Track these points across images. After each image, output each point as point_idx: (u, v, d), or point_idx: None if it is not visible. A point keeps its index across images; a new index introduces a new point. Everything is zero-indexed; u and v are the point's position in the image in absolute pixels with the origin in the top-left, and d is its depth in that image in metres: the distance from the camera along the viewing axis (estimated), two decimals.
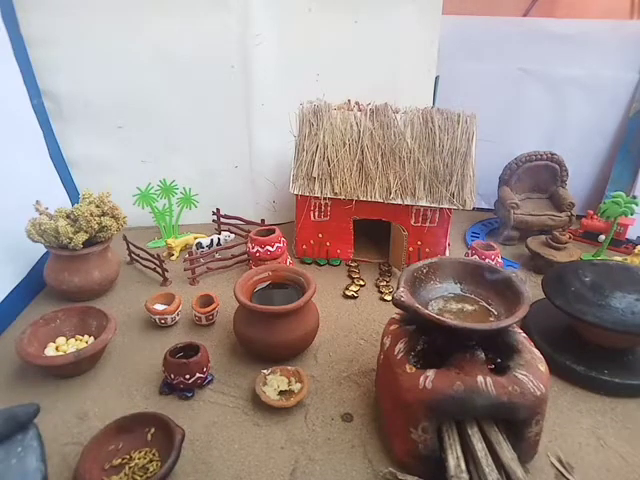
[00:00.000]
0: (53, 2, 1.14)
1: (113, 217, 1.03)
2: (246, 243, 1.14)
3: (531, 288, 0.71)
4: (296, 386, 0.78)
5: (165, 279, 1.13)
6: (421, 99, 1.35)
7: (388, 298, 1.08)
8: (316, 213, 1.19)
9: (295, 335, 0.83)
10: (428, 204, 1.11)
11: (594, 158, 1.50)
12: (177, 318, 0.98)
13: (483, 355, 0.63)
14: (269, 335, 0.82)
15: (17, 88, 1.14)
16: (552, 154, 1.36)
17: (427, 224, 1.15)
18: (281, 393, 0.77)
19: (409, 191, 1.11)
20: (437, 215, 1.13)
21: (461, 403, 0.59)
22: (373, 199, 1.12)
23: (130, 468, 0.64)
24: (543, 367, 0.64)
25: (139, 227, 1.37)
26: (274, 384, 0.78)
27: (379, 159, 1.12)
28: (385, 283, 1.14)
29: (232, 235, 1.30)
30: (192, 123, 1.33)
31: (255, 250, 1.08)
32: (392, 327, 0.73)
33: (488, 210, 1.52)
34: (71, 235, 0.98)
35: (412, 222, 1.15)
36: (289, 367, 0.81)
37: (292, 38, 1.27)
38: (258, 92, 1.31)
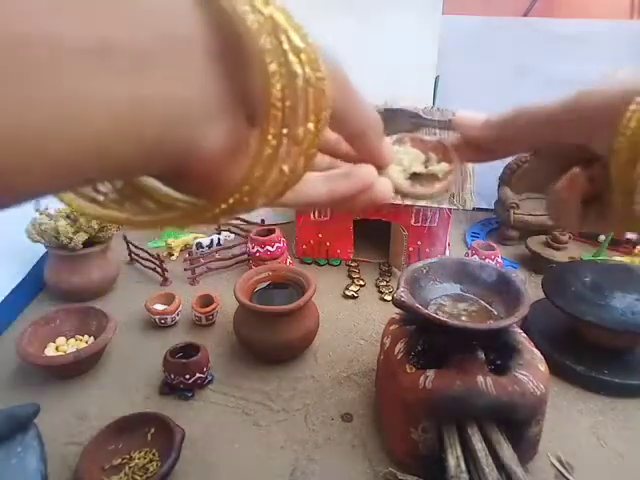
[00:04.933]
0: None
1: None
2: (246, 243, 1.14)
3: (531, 288, 0.71)
4: (439, 167, 0.37)
5: (165, 279, 1.13)
6: (421, 99, 1.35)
7: (388, 298, 1.07)
8: (316, 213, 1.19)
9: (295, 335, 0.83)
10: (428, 204, 1.11)
11: None
12: (177, 318, 0.98)
13: (483, 355, 0.63)
14: (269, 335, 0.82)
15: None
16: None
17: (427, 224, 1.15)
18: (414, 177, 0.37)
19: None
20: (437, 215, 1.13)
21: (461, 403, 0.59)
22: None
23: (130, 468, 0.64)
24: (543, 367, 0.64)
25: None
26: (404, 162, 0.37)
27: None
28: (385, 283, 1.14)
29: (232, 235, 1.30)
30: None
31: (255, 250, 1.08)
32: (392, 327, 0.73)
33: (488, 210, 1.52)
34: (71, 235, 0.97)
35: (412, 222, 1.15)
36: (426, 137, 0.37)
37: None
38: None
